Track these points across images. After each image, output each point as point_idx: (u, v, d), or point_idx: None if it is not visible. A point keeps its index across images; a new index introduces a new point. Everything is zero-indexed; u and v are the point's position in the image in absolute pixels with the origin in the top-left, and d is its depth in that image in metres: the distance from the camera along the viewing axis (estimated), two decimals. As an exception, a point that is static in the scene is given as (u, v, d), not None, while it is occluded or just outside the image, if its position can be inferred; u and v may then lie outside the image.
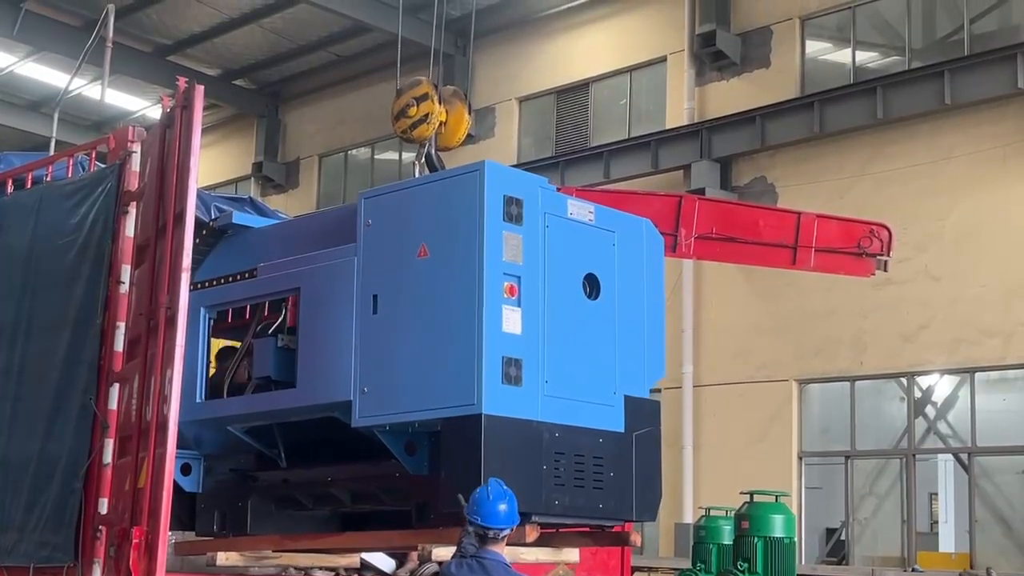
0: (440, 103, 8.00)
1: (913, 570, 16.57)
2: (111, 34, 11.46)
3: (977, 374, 17.88)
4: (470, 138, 24.39)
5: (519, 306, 6.32)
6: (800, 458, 19.14)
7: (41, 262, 7.97)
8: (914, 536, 18.36)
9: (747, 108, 20.01)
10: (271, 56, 26.90)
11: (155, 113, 26.01)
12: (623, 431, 6.73)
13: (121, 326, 7.35)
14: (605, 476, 6.59)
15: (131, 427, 6.95)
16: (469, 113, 8.24)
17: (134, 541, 6.41)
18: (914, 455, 18.57)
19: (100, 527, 7.02)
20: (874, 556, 18.93)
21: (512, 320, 6.27)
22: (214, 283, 7.58)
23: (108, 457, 7.18)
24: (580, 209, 6.80)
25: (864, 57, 20.18)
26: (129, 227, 7.49)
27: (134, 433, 6.89)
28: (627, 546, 7.46)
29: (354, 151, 27.88)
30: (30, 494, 7.50)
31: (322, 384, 6.71)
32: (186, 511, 7.72)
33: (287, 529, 7.51)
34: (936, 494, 20.76)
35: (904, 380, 18.63)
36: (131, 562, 6.39)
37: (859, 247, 9.91)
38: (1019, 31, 18.10)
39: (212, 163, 28.07)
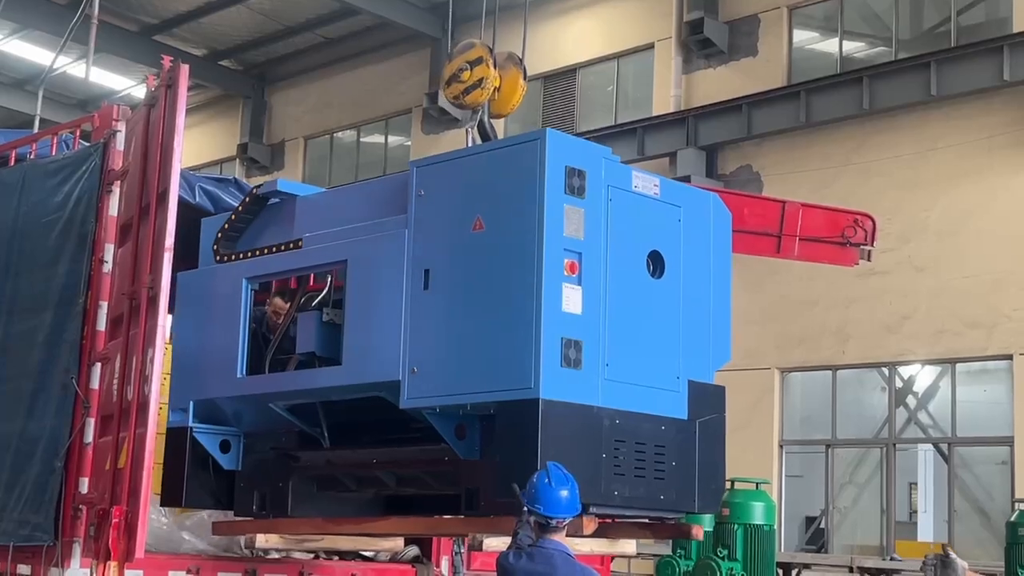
0: (495, 67, 7.52)
1: (891, 559, 16.63)
2: (96, 12, 11.41)
3: (958, 365, 17.96)
4: (455, 122, 24.49)
5: (580, 284, 5.96)
6: (781, 446, 19.21)
7: (24, 241, 7.95)
8: (893, 525, 18.45)
9: (734, 96, 20.01)
10: (257, 37, 26.80)
11: (140, 93, 25.93)
12: (686, 418, 6.40)
13: (104, 305, 7.35)
14: (667, 466, 6.26)
15: (112, 407, 6.95)
16: (524, 78, 7.69)
17: (114, 521, 6.41)
18: (894, 445, 18.65)
19: (80, 507, 7.03)
20: (853, 545, 19.01)
21: (572, 299, 5.92)
22: (256, 253, 7.18)
23: (89, 437, 7.18)
24: (645, 182, 6.41)
25: (851, 47, 20.20)
26: (113, 206, 7.48)
27: (115, 413, 6.88)
28: (688, 538, 7.23)
29: (340, 134, 27.82)
30: (11, 473, 7.49)
31: (369, 362, 6.37)
32: (224, 490, 7.37)
33: (329, 511, 7.19)
34: (915, 484, 20.84)
35: (886, 370, 18.70)
36: (111, 542, 6.39)
37: (843, 236, 9.94)
38: (1006, 23, 18.13)
39: (197, 144, 27.97)
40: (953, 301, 17.55)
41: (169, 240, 6.60)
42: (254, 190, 7.43)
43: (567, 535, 5.82)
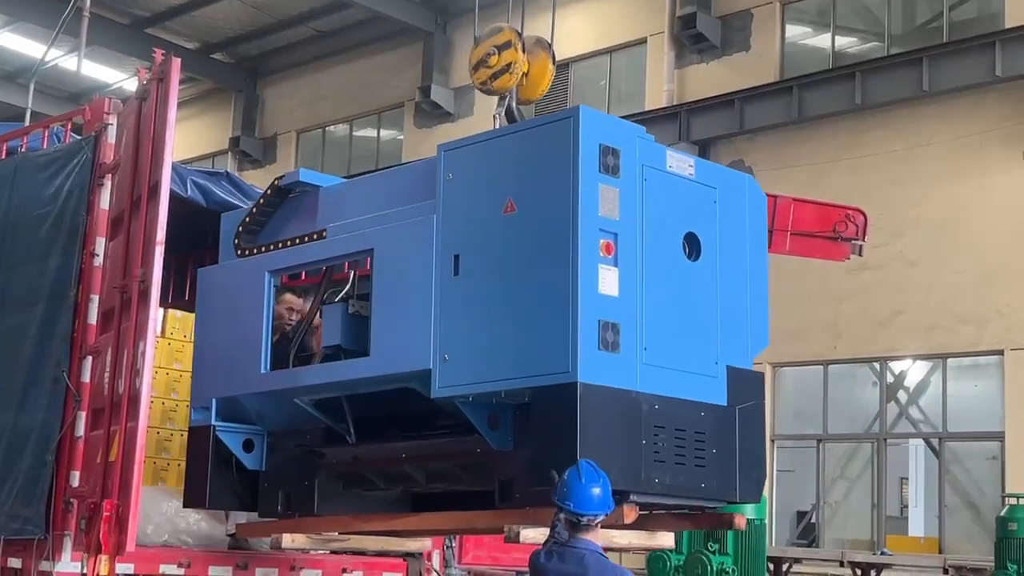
0: (523, 51, 7.27)
1: (882, 553, 16.68)
2: (88, 5, 11.39)
3: (949, 360, 18.00)
4: (447, 116, 24.46)
5: (616, 266, 5.75)
6: (772, 441, 19.23)
7: (15, 234, 7.93)
8: (884, 520, 18.49)
9: (726, 91, 20.03)
10: (250, 30, 26.76)
11: (132, 86, 25.81)
12: (725, 404, 6.19)
13: (95, 299, 7.33)
14: (707, 453, 6.06)
15: (104, 400, 6.94)
16: (553, 63, 7.44)
17: (105, 514, 6.39)
18: (885, 440, 18.69)
19: (71, 500, 7.02)
20: (844, 539, 19.06)
21: (609, 281, 5.72)
22: (279, 245, 6.99)
23: (80, 430, 7.17)
24: (680, 162, 6.22)
25: (843, 42, 20.22)
26: (104, 199, 7.47)
27: (106, 406, 6.87)
28: (730, 529, 7.07)
29: (332, 127, 27.80)
30: (2, 467, 7.48)
31: (399, 352, 6.16)
32: (248, 490, 7.16)
33: (356, 509, 6.99)
34: (906, 479, 20.90)
35: (877, 365, 18.74)
36: (101, 535, 6.38)
37: (834, 231, 9.92)
38: (998, 19, 18.15)
39: (189, 137, 27.94)
40: (945, 296, 17.58)
41: (161, 233, 6.58)
42: (276, 181, 7.21)
43: (606, 527, 5.65)
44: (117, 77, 28.33)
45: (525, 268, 5.82)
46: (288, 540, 6.95)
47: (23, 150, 8.40)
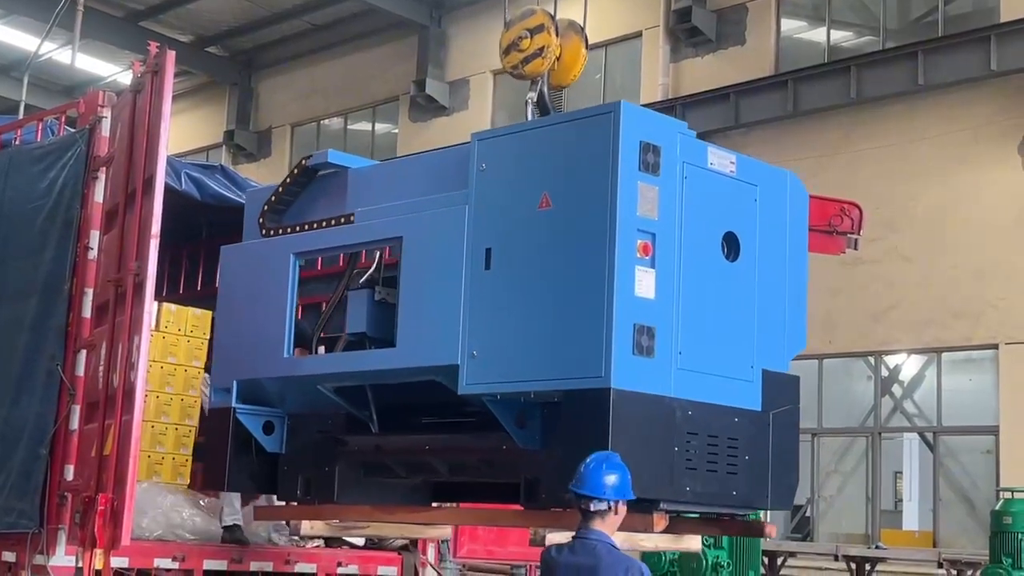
0: (557, 35, 7.07)
1: (877, 547, 16.69)
2: (82, -3, 11.35)
3: (944, 354, 18.01)
4: (442, 110, 24.42)
5: (653, 267, 5.61)
6: (767, 435, 19.23)
7: (9, 227, 7.92)
8: (878, 514, 18.51)
9: (721, 85, 20.01)
10: (245, 23, 26.72)
11: (126, 79, 25.79)
12: (760, 410, 6.06)
13: (89, 292, 7.33)
14: (739, 460, 5.91)
15: (98, 394, 6.93)
16: (586, 47, 7.28)
17: (99, 508, 6.39)
18: (880, 434, 18.70)
19: (66, 494, 7.01)
20: (838, 533, 19.07)
21: (645, 283, 5.57)
22: (304, 228, 6.83)
23: (75, 424, 7.16)
24: (721, 159, 6.07)
25: (839, 36, 20.21)
26: (98, 193, 7.46)
27: (101, 400, 6.87)
28: (760, 536, 6.96)
29: (327, 121, 27.76)
30: (-4, 460, 7.48)
31: (425, 345, 6.02)
32: (267, 473, 7.04)
33: (375, 497, 6.90)
34: (901, 473, 20.91)
35: (872, 359, 18.74)
36: (96, 529, 6.38)
37: (830, 225, 9.92)
38: (993, 13, 18.15)
39: (183, 130, 27.87)
40: (939, 290, 17.59)
41: (155, 227, 6.58)
42: (303, 161, 7.09)
43: (633, 531, 5.57)
44: (111, 70, 28.27)
45: (559, 267, 5.68)
46: (307, 527, 6.90)
47: (17, 143, 8.40)
